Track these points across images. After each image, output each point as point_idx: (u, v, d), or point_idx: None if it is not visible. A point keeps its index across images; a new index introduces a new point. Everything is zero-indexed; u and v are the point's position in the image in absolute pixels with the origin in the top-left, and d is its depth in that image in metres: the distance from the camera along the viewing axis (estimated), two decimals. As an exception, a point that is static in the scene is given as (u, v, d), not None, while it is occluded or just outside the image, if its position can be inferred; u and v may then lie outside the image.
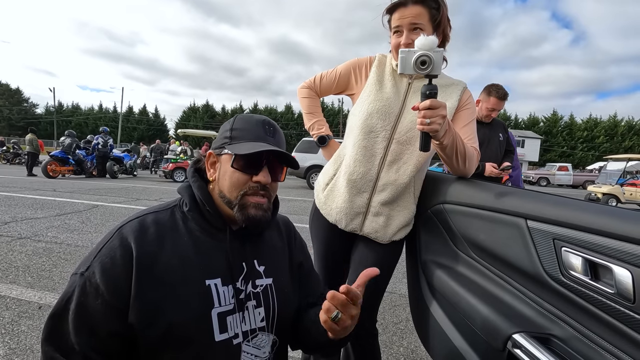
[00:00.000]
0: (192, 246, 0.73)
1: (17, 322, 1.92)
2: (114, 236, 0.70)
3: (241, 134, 0.76)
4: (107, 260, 0.66)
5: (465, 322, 0.93)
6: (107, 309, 0.64)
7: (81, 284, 0.65)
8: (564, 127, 43.86)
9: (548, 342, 0.72)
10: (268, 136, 0.77)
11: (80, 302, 0.64)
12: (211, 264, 0.74)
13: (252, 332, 0.76)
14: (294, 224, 1.03)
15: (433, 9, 1.08)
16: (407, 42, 1.07)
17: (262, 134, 0.77)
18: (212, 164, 0.80)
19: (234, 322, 0.74)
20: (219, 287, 0.73)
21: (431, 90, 0.89)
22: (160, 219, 0.75)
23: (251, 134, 0.76)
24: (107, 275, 0.65)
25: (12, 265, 2.76)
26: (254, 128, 0.77)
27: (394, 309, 2.50)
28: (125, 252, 0.67)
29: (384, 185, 1.16)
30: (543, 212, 0.76)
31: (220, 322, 0.71)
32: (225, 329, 0.72)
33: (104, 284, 0.64)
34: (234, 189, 0.74)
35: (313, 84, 1.36)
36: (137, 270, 0.66)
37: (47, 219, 4.39)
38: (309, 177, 10.54)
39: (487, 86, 2.58)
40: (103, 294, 0.64)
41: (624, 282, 0.58)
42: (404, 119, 1.14)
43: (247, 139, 0.75)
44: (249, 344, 0.75)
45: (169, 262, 0.69)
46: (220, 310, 0.72)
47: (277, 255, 0.88)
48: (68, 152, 10.19)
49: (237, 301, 0.75)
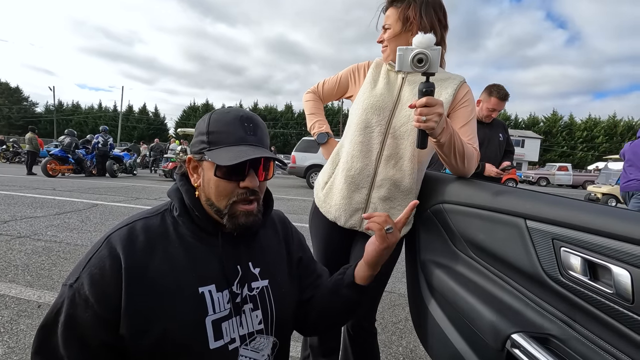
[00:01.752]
0: (184, 253, 0.71)
1: (16, 321, 1.92)
2: (102, 245, 0.68)
3: (219, 137, 0.70)
4: (96, 271, 0.64)
5: (464, 322, 0.93)
6: (97, 321, 0.63)
7: (70, 295, 0.64)
8: (564, 127, 43.88)
9: (547, 342, 0.72)
10: (249, 135, 0.71)
11: (69, 314, 0.63)
12: (204, 271, 0.72)
13: (250, 335, 0.75)
14: (294, 224, 1.02)
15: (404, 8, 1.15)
16: (379, 39, 1.23)
17: (242, 134, 0.71)
18: (194, 169, 0.75)
19: (230, 328, 0.72)
20: (213, 294, 0.71)
21: (427, 88, 0.89)
22: (151, 225, 0.72)
23: (230, 136, 0.70)
24: (96, 287, 0.63)
25: (11, 264, 2.76)
26: (233, 129, 0.71)
27: (394, 308, 2.50)
28: (114, 262, 0.65)
29: (382, 180, 1.16)
30: (542, 212, 0.76)
31: (215, 330, 0.70)
32: (221, 336, 0.70)
33: (93, 295, 0.63)
34: (222, 198, 0.71)
35: (317, 89, 1.43)
36: (127, 281, 0.64)
37: (46, 217, 4.39)
38: (309, 176, 10.54)
39: (488, 86, 2.57)
40: (92, 306, 0.63)
41: (622, 283, 0.58)
42: (398, 113, 1.15)
43: (226, 143, 0.70)
44: (247, 348, 0.74)
45: (160, 271, 0.67)
46: (214, 317, 0.70)
47: (273, 254, 0.86)
48: (68, 151, 10.19)
49: (233, 305, 0.73)
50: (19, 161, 16.23)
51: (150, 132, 46.72)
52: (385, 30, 1.20)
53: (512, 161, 2.71)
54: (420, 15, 1.12)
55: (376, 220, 0.80)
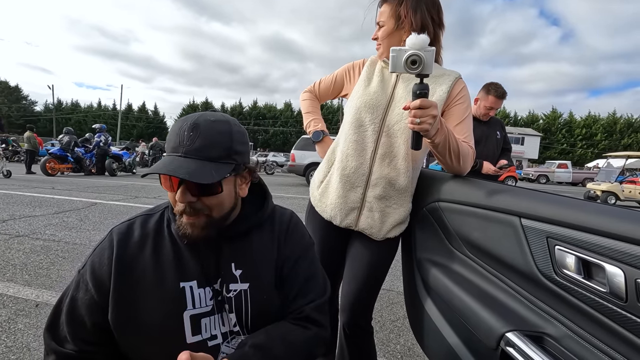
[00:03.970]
0: (171, 249, 0.75)
1: (14, 320, 1.92)
2: (107, 237, 0.75)
3: (167, 145, 0.71)
4: (96, 260, 0.72)
5: (459, 321, 0.93)
6: (93, 304, 0.70)
7: (77, 280, 0.73)
8: (564, 124, 43.87)
9: (541, 340, 0.72)
10: (183, 144, 0.67)
11: (73, 296, 0.71)
12: (187, 267, 0.74)
13: (230, 333, 0.76)
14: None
15: (396, 5, 1.14)
16: (374, 37, 1.22)
17: (177, 143, 0.68)
18: None
19: (211, 324, 0.74)
20: (194, 290, 0.73)
21: (422, 90, 0.88)
22: (148, 222, 0.78)
23: (169, 145, 0.70)
24: (94, 274, 0.71)
25: (9, 263, 2.75)
26: (172, 137, 0.69)
27: (392, 306, 2.50)
28: (110, 253, 0.72)
29: (377, 179, 1.15)
30: (537, 210, 0.76)
31: (193, 324, 0.71)
32: (199, 331, 0.72)
33: (92, 281, 0.71)
34: (173, 206, 0.73)
35: (313, 89, 1.43)
36: (116, 271, 0.70)
37: (45, 216, 4.38)
38: (308, 174, 10.53)
39: (486, 84, 2.57)
40: (90, 290, 0.70)
41: (616, 281, 0.58)
42: (391, 111, 1.14)
43: (167, 152, 0.70)
44: (228, 345, 0.75)
45: (146, 265, 0.72)
46: (193, 312, 0.72)
47: (261, 258, 0.81)
48: (67, 149, 10.17)
49: (216, 303, 0.75)
50: (17, 160, 16.21)
51: (150, 130, 46.70)
52: (379, 27, 1.19)
53: (510, 159, 2.71)
54: (412, 13, 1.11)
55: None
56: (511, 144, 2.88)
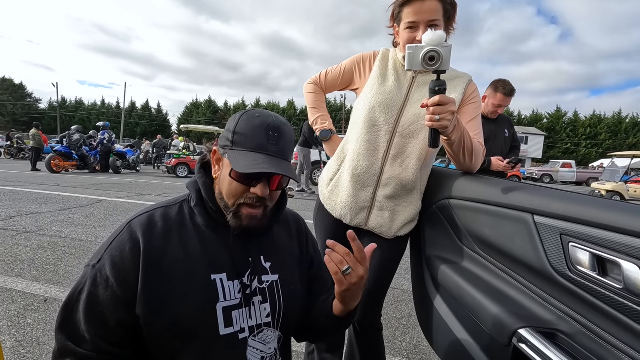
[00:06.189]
0: (198, 241, 0.74)
1: (23, 315, 1.94)
2: (124, 230, 0.72)
3: (243, 139, 0.72)
4: (116, 254, 0.68)
5: (470, 317, 0.93)
6: (116, 300, 0.66)
7: (92, 275, 0.68)
8: (568, 123, 43.54)
9: (554, 337, 0.72)
10: (271, 144, 0.72)
11: (91, 292, 0.67)
12: (217, 259, 0.74)
13: (258, 327, 0.77)
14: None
15: (447, 4, 1.07)
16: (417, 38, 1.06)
17: (264, 142, 0.71)
18: (217, 161, 0.78)
19: (240, 317, 0.74)
20: (224, 282, 0.73)
21: (440, 87, 0.88)
22: (169, 213, 0.76)
23: (252, 141, 0.71)
24: (116, 268, 0.67)
25: (17, 259, 2.78)
26: (257, 134, 0.72)
27: (397, 304, 2.50)
28: (134, 246, 0.69)
29: (388, 179, 1.15)
30: (550, 207, 0.76)
31: (226, 316, 0.72)
32: (231, 324, 0.72)
33: (113, 276, 0.67)
34: (232, 197, 0.74)
35: (319, 80, 1.36)
36: (145, 264, 0.68)
37: (51, 213, 4.42)
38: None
39: (494, 82, 2.55)
40: (112, 286, 0.66)
41: (632, 278, 0.58)
42: (407, 112, 1.13)
43: (247, 147, 0.71)
44: (255, 339, 0.76)
45: (176, 257, 0.71)
46: (225, 304, 0.72)
47: (285, 252, 0.87)
48: (74, 147, 10.23)
49: (243, 296, 0.75)
50: (23, 157, 16.31)
51: (153, 128, 46.84)
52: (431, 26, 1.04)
53: (518, 156, 2.70)
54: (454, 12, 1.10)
55: (333, 258, 0.71)
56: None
